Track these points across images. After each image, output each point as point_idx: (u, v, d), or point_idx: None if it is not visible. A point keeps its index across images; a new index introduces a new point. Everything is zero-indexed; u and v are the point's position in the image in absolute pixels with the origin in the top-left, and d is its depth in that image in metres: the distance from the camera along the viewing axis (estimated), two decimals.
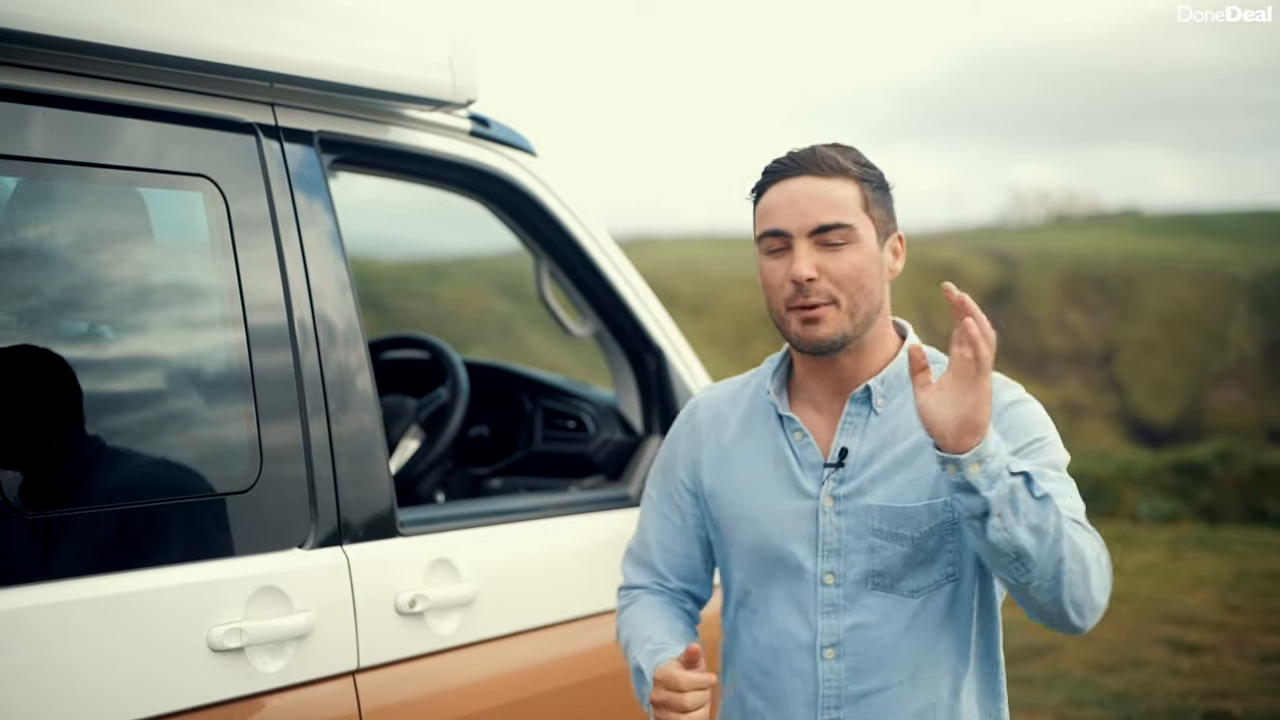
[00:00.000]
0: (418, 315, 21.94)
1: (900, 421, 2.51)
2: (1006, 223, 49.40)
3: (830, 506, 2.51)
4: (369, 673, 2.82)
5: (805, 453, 2.56)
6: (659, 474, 2.78)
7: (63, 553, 2.39)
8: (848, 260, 2.45)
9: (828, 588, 2.51)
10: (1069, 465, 2.51)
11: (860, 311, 2.47)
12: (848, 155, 2.52)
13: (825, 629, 2.51)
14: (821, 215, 2.45)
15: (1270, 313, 34.40)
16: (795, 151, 2.53)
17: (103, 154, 2.59)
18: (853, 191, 2.48)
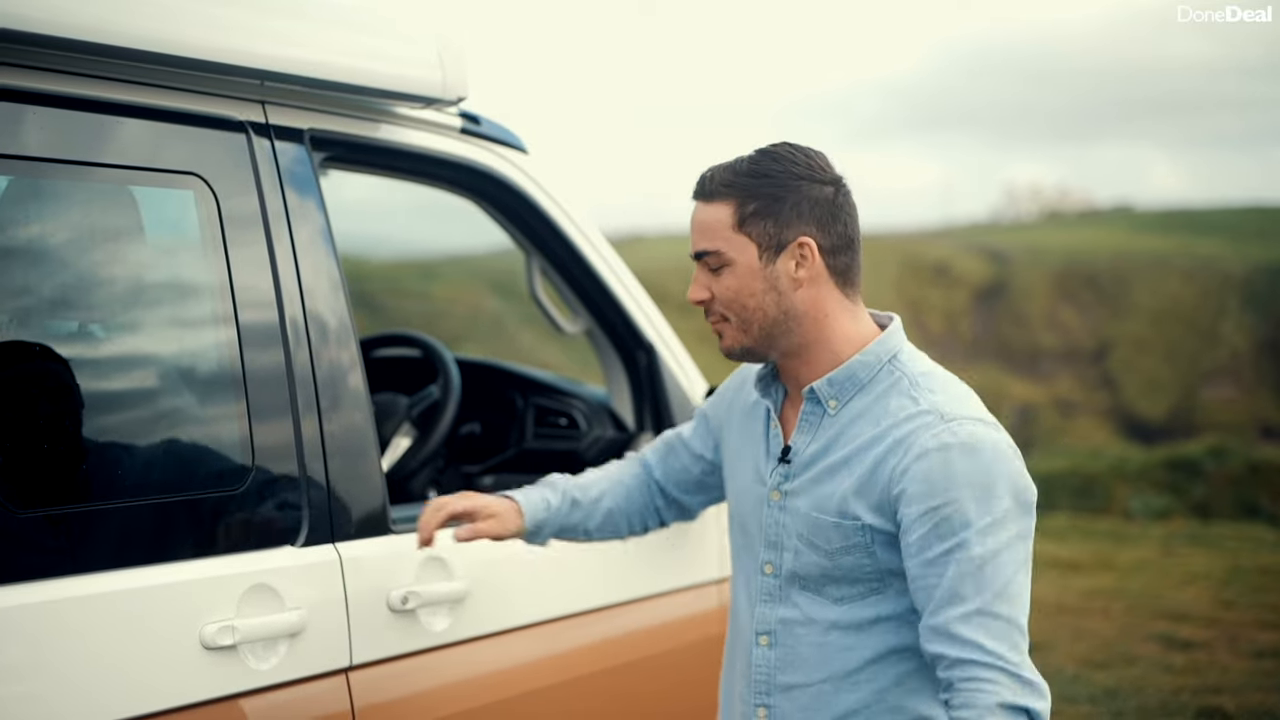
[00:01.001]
0: (409, 313, 21.91)
1: (843, 429, 2.51)
2: (999, 220, 49.41)
3: (775, 500, 2.58)
4: (361, 670, 2.82)
5: (774, 444, 2.62)
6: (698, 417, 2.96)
7: (54, 551, 2.38)
8: (724, 283, 2.52)
9: (765, 577, 2.59)
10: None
11: (754, 326, 2.52)
12: (741, 169, 2.51)
13: (760, 616, 2.59)
14: (696, 241, 2.54)
15: (1262, 309, 34.44)
16: (706, 171, 2.57)
17: (93, 152, 2.59)
18: (725, 213, 2.50)
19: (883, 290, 31.57)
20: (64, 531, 2.41)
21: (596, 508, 2.92)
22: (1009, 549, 2.35)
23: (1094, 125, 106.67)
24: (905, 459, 2.39)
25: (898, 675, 2.50)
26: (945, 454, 2.36)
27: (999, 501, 2.35)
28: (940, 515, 2.34)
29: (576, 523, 2.91)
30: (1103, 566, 10.84)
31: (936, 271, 34.45)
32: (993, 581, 2.32)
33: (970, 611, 2.32)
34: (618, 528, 2.96)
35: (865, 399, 2.50)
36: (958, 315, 34.05)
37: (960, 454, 2.36)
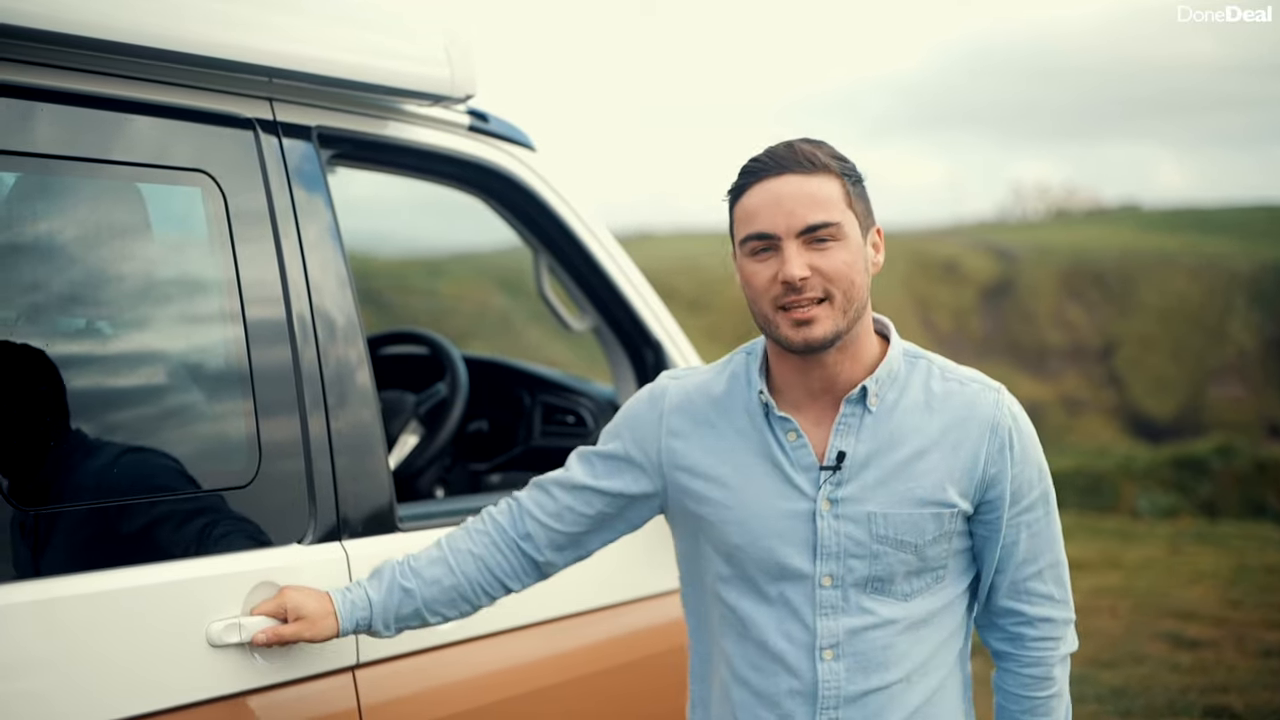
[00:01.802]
0: (416, 311, 21.93)
1: (896, 424, 2.51)
2: (1006, 218, 49.38)
3: (828, 510, 2.49)
4: (368, 668, 2.81)
5: (799, 454, 2.52)
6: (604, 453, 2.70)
7: (61, 548, 2.38)
8: (838, 257, 2.43)
9: (825, 590, 2.50)
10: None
11: (852, 308, 2.45)
12: (824, 150, 2.49)
13: (824, 631, 2.50)
14: (809, 214, 2.42)
15: (1269, 308, 34.40)
16: (773, 149, 2.49)
17: (101, 149, 2.59)
18: (835, 187, 2.45)
19: (891, 288, 31.56)
20: (70, 529, 2.41)
21: (434, 590, 2.66)
22: (1052, 495, 2.62)
23: (1101, 124, 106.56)
24: (998, 437, 2.52)
25: (958, 655, 2.60)
26: (1017, 424, 2.56)
27: (1043, 459, 2.60)
28: (1019, 482, 2.53)
29: (414, 611, 2.65)
30: (1110, 565, 10.84)
31: (944, 269, 34.43)
32: (1055, 534, 2.62)
33: (1044, 567, 2.59)
34: (471, 602, 2.70)
35: (901, 392, 2.53)
36: (965, 313, 34.03)
37: (1025, 422, 2.59)
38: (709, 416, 2.61)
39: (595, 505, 2.69)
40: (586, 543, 2.74)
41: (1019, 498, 2.53)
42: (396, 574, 2.66)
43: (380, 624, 2.65)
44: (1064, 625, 2.62)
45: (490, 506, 2.77)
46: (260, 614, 2.58)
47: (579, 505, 2.69)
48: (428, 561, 2.69)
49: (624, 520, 2.72)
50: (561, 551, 2.73)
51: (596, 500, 2.69)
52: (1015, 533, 2.55)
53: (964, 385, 2.55)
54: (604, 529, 2.73)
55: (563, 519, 2.70)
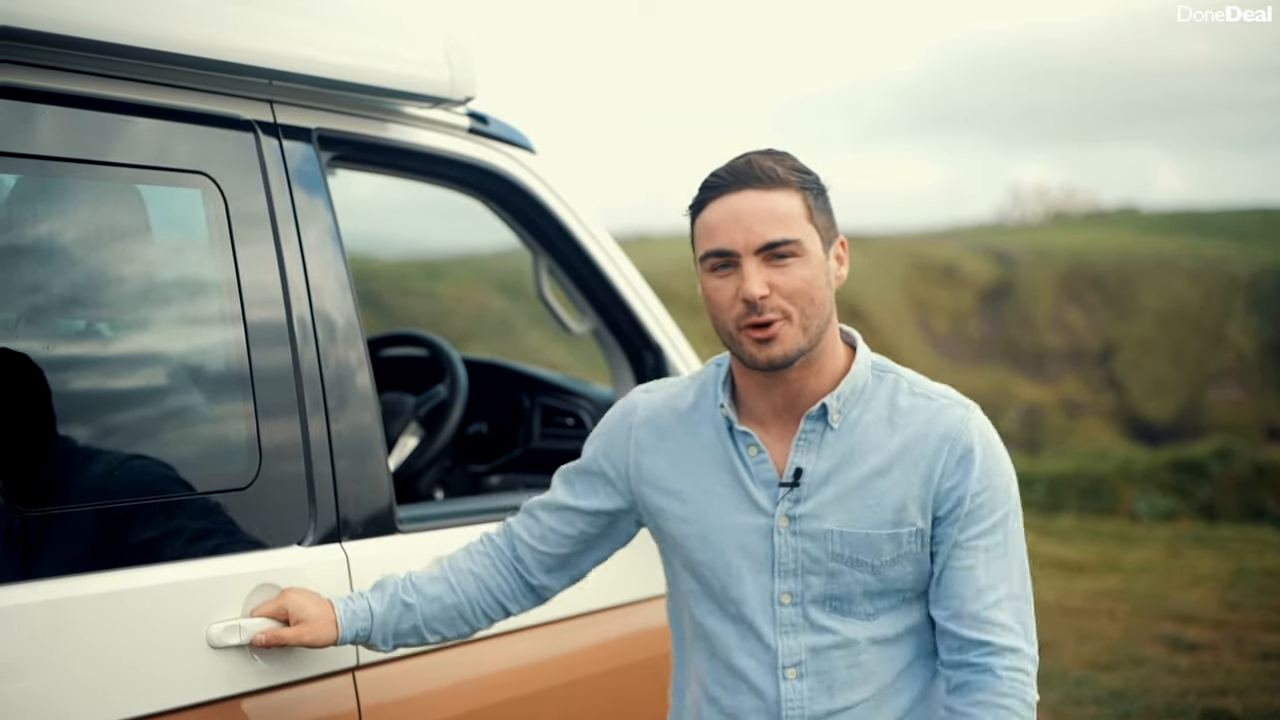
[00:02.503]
0: (416, 313, 21.92)
1: (858, 440, 2.47)
2: (1005, 221, 49.38)
3: (785, 526, 2.46)
4: (368, 670, 2.82)
5: (759, 469, 2.50)
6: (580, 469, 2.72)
7: (61, 549, 2.39)
8: (797, 274, 2.39)
9: (785, 607, 2.47)
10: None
11: (813, 325, 2.41)
12: (785, 163, 2.45)
13: (785, 649, 2.48)
14: (768, 231, 2.38)
15: (1268, 311, 34.40)
16: (733, 163, 2.46)
17: (101, 151, 2.59)
18: (796, 202, 2.41)
19: (890, 291, 31.55)
20: (70, 530, 2.41)
21: (435, 607, 2.68)
22: (1020, 527, 2.51)
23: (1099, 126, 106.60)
24: (956, 449, 2.44)
25: (931, 674, 2.53)
26: (984, 441, 2.48)
27: (1013, 485, 2.51)
28: (978, 501, 2.44)
29: (413, 627, 2.67)
30: (1108, 568, 10.84)
31: (943, 272, 34.43)
32: (1018, 565, 2.48)
33: (1004, 597, 2.44)
34: (470, 622, 2.72)
35: (865, 407, 2.49)
36: (964, 316, 34.02)
37: (993, 442, 2.50)
38: (675, 431, 2.60)
39: (576, 525, 2.70)
40: (578, 563, 2.75)
41: (977, 518, 2.44)
42: (399, 589, 2.68)
43: (379, 637, 2.65)
44: (1030, 665, 2.46)
45: (489, 528, 2.81)
46: (261, 615, 2.58)
47: (561, 526, 2.71)
48: (429, 579, 2.71)
49: (610, 538, 2.73)
50: (553, 574, 2.74)
51: (577, 520, 2.70)
52: (972, 556, 2.44)
53: (931, 400, 2.49)
54: (593, 548, 2.73)
55: (547, 541, 2.71)
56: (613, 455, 2.66)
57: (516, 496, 3.53)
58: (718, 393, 2.56)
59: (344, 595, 2.69)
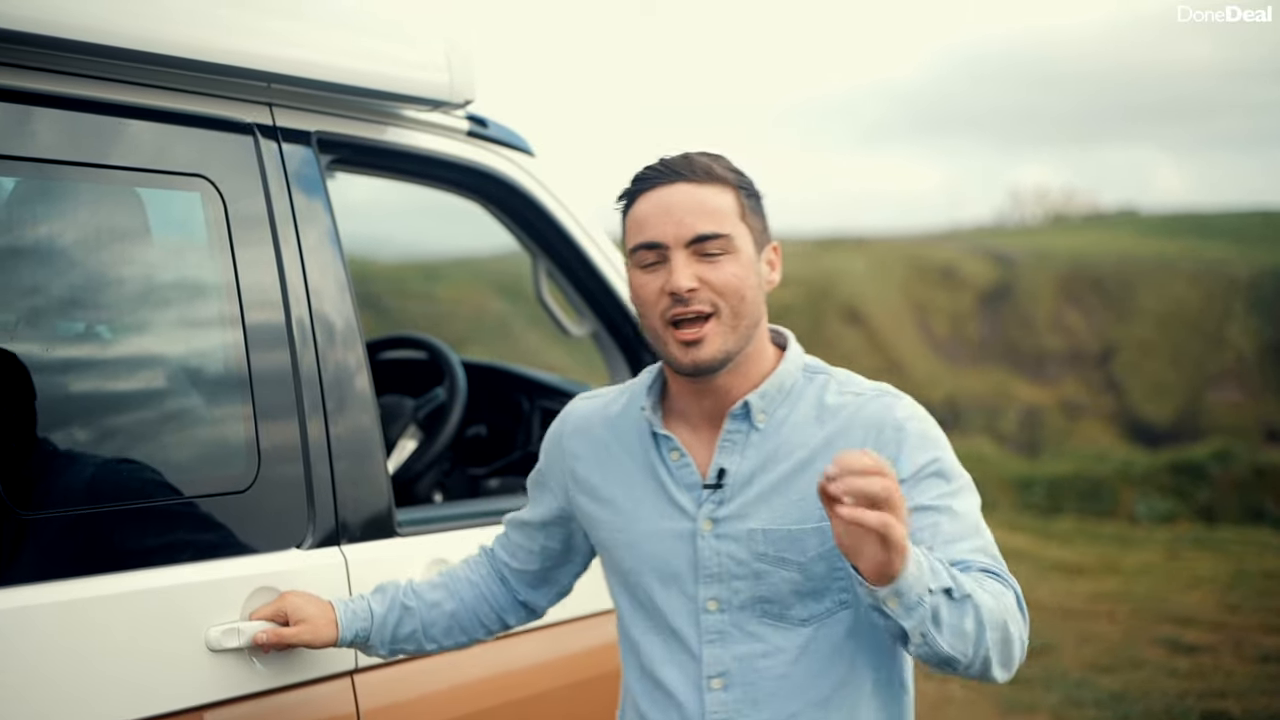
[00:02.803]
0: (415, 315, 21.93)
1: (783, 439, 2.40)
2: (1004, 223, 49.36)
3: (709, 530, 2.39)
4: (367, 673, 2.82)
5: (682, 473, 2.44)
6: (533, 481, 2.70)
7: (60, 553, 2.39)
8: (727, 270, 2.34)
9: (711, 614, 2.40)
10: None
11: (742, 324, 2.35)
12: (720, 162, 2.41)
13: (711, 658, 2.40)
14: (699, 224, 2.33)
15: (1268, 313, 34.39)
16: (667, 158, 2.41)
17: (100, 154, 2.59)
18: (729, 199, 2.37)
19: (889, 293, 31.55)
20: (68, 533, 2.41)
21: (435, 613, 2.69)
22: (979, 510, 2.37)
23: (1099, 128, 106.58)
24: (885, 431, 2.35)
25: (869, 690, 2.41)
26: (921, 423, 2.38)
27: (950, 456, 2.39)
28: (931, 469, 2.33)
29: (411, 632, 2.67)
30: (1108, 570, 10.84)
31: (943, 274, 34.41)
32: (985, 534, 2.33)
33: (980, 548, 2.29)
34: (468, 631, 2.73)
35: (793, 407, 2.42)
36: (964, 318, 34.01)
37: (930, 424, 2.40)
38: (604, 437, 2.56)
39: (536, 540, 2.71)
40: (555, 578, 2.75)
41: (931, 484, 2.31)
42: (399, 593, 2.68)
43: (378, 639, 2.65)
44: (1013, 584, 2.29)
45: (488, 537, 2.82)
46: (260, 618, 2.59)
47: (525, 541, 2.72)
48: (430, 586, 2.72)
49: (575, 550, 2.71)
50: (534, 590, 2.75)
51: (536, 534, 2.70)
52: (933, 515, 2.29)
53: (859, 396, 2.41)
54: (563, 562, 2.73)
55: (517, 557, 2.73)
56: (552, 466, 2.65)
57: (515, 499, 3.53)
58: (641, 396, 2.51)
59: (346, 599, 2.69)
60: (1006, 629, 2.19)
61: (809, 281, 30.29)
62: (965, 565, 2.25)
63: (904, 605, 2.07)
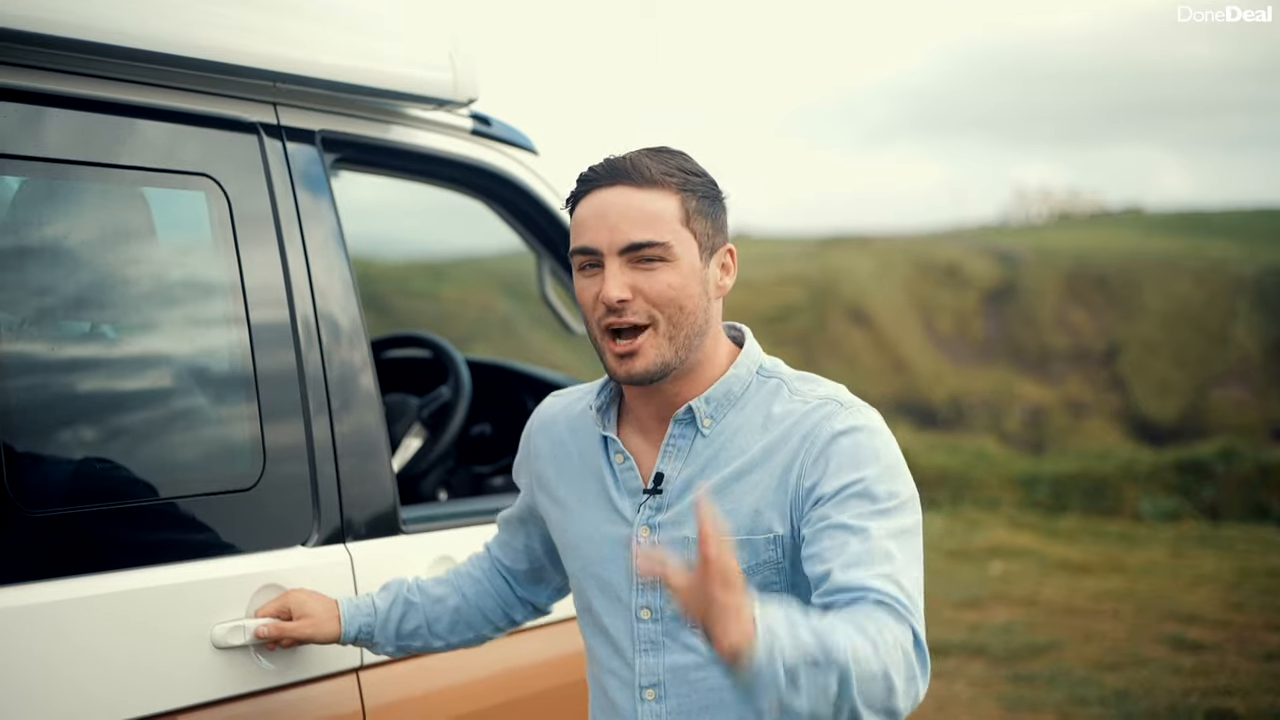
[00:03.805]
0: (419, 314, 21.93)
1: (726, 444, 2.32)
2: (1009, 221, 49.31)
3: (645, 536, 2.33)
4: (372, 670, 2.82)
5: (625, 477, 2.38)
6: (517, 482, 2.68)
7: (67, 551, 2.39)
8: (663, 279, 2.25)
9: (644, 623, 2.35)
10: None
11: (681, 334, 2.27)
12: (669, 162, 2.31)
13: (644, 668, 2.35)
14: (633, 232, 2.25)
15: (1273, 311, 34.35)
16: (612, 157, 2.32)
17: (106, 153, 2.59)
18: (670, 204, 2.27)
19: (893, 292, 31.52)
20: (75, 531, 2.41)
21: (439, 608, 2.67)
22: (911, 536, 2.22)
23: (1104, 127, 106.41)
24: (816, 446, 2.25)
25: None
26: (855, 436, 2.25)
27: (903, 486, 2.25)
28: (854, 489, 2.20)
29: (416, 628, 2.65)
30: (1113, 568, 10.83)
31: (947, 273, 34.38)
32: (897, 562, 2.16)
33: (882, 573, 2.13)
34: (475, 627, 2.71)
35: (741, 412, 2.34)
36: (968, 317, 33.98)
37: (868, 436, 2.26)
38: (563, 438, 2.52)
39: (519, 537, 2.71)
40: (549, 577, 2.74)
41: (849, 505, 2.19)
42: (403, 589, 2.69)
43: (382, 635, 2.65)
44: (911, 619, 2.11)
45: (492, 535, 2.82)
46: (264, 614, 2.59)
47: (510, 539, 2.73)
48: (434, 583, 2.72)
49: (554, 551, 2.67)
50: (530, 588, 2.76)
51: (519, 533, 2.71)
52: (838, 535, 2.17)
53: (805, 404, 2.31)
54: (549, 560, 2.70)
55: (507, 554, 2.74)
56: (522, 463, 2.64)
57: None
58: (594, 397, 2.46)
59: (350, 597, 2.70)
60: (887, 677, 2.02)
61: (813, 280, 30.30)
62: (860, 593, 2.11)
63: (757, 683, 1.94)
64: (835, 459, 2.23)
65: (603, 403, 2.44)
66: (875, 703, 2.02)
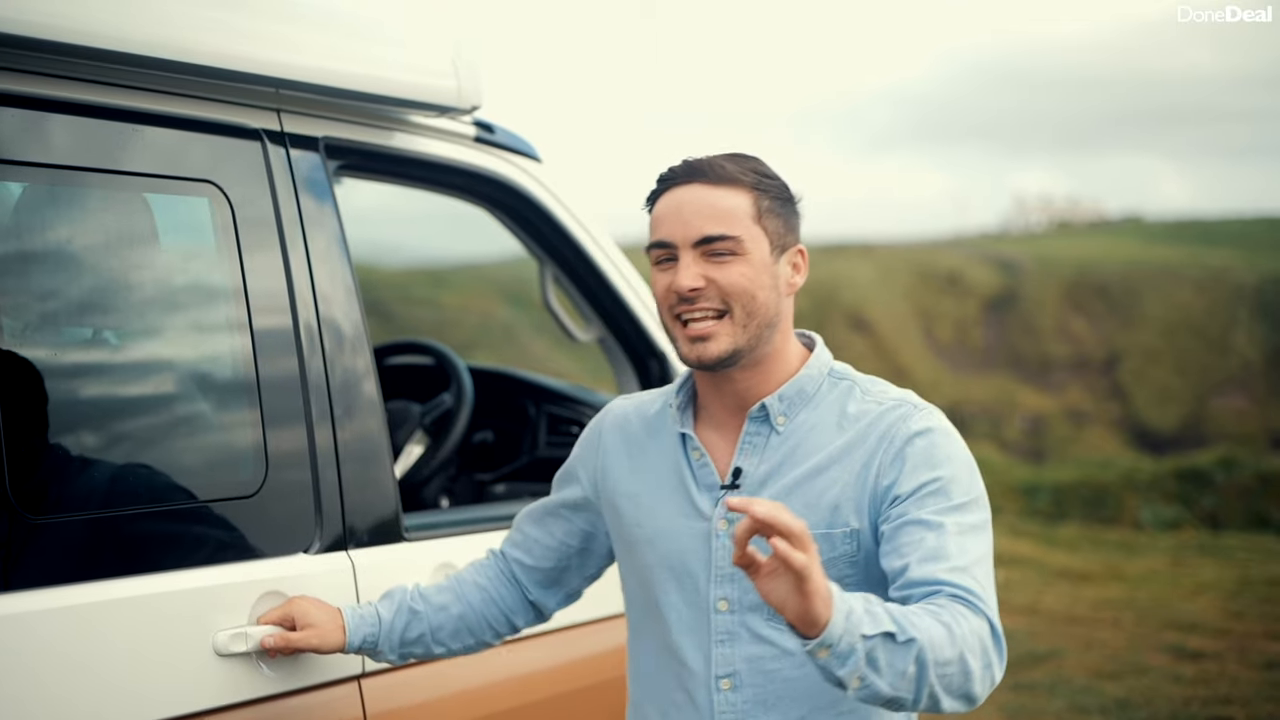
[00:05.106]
0: (421, 321, 21.93)
1: (802, 441, 2.43)
2: (1009, 230, 49.32)
3: (724, 530, 2.42)
4: (374, 677, 2.82)
5: (702, 472, 2.47)
6: (561, 475, 2.74)
7: (69, 557, 2.39)
8: (735, 271, 2.37)
9: (721, 615, 2.42)
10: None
11: (753, 323, 2.39)
12: (744, 164, 2.44)
13: (720, 659, 2.42)
14: (706, 226, 2.38)
15: (1273, 320, 34.35)
16: (690, 158, 2.45)
17: (109, 160, 2.60)
18: (743, 201, 2.40)
19: (894, 300, 31.53)
20: (77, 537, 2.41)
21: (442, 616, 2.69)
22: (982, 532, 2.33)
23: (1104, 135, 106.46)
24: (894, 446, 2.36)
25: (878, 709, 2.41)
26: (931, 437, 2.37)
27: (975, 485, 2.37)
28: (931, 488, 2.31)
29: (419, 636, 2.67)
30: (1113, 577, 10.84)
31: (947, 281, 34.39)
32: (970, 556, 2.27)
33: (957, 567, 2.24)
34: (477, 634, 2.73)
35: (814, 411, 2.45)
36: (968, 325, 34.00)
37: (942, 437, 2.38)
38: (639, 435, 2.60)
39: (555, 534, 2.73)
40: (567, 580, 2.76)
41: (932, 501, 2.30)
42: (406, 597, 2.69)
43: (386, 644, 2.66)
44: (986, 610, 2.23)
45: (496, 541, 2.84)
46: (267, 622, 2.59)
47: (542, 536, 2.73)
48: (437, 590, 2.73)
49: (592, 552, 2.73)
50: (546, 590, 2.76)
51: (556, 528, 2.72)
52: (917, 529, 2.28)
53: (880, 405, 2.43)
54: (577, 562, 2.74)
55: (532, 553, 2.74)
56: (586, 459, 2.68)
57: (522, 505, 3.54)
58: (672, 395, 2.56)
59: (351, 603, 2.70)
60: (964, 662, 2.14)
61: (814, 288, 30.27)
62: (937, 587, 2.21)
63: (835, 655, 2.03)
64: (912, 459, 2.34)
65: (682, 401, 2.54)
66: (953, 688, 2.14)
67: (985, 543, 2.33)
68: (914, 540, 2.27)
